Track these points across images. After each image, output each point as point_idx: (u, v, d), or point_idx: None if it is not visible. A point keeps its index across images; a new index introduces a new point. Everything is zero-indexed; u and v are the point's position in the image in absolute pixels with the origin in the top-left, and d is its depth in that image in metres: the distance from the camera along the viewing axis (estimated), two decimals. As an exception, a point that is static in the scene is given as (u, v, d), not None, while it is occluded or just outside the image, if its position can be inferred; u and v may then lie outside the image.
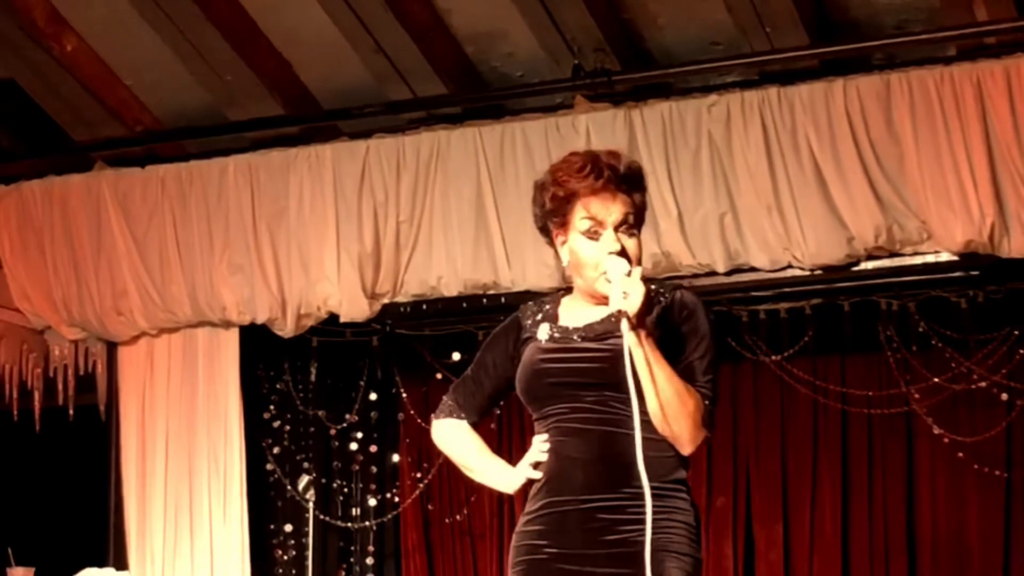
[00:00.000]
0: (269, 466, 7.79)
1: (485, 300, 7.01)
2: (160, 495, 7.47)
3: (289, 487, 7.66)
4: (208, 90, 7.02)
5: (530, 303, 3.82)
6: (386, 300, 7.10)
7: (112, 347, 7.66)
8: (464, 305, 7.11)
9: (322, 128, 7.15)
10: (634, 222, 3.64)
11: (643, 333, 3.48)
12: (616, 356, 3.49)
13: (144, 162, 7.38)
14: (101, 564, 7.34)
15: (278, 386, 7.84)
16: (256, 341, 7.46)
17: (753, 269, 6.62)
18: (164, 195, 7.33)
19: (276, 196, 7.15)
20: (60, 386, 7.67)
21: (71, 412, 7.66)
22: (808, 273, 6.57)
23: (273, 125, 7.12)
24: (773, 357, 7.06)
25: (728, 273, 6.65)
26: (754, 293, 6.91)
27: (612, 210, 3.60)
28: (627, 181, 3.63)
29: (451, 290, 6.99)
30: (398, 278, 7.05)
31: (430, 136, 6.95)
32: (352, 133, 7.09)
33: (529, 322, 3.74)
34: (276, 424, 7.84)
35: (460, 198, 6.90)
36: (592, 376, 3.58)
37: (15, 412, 7.63)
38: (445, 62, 6.72)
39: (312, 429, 7.89)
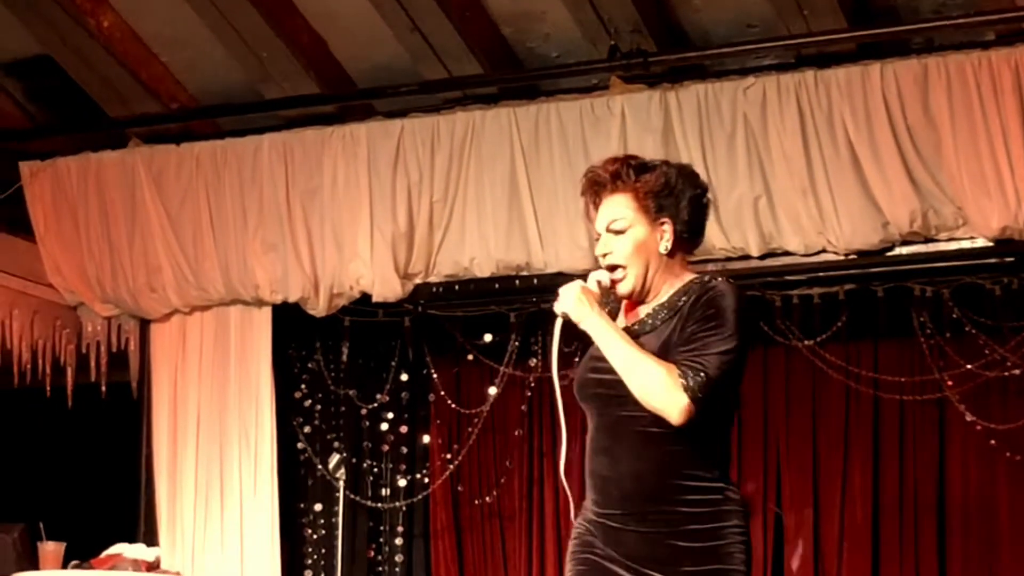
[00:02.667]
0: (300, 445, 7.81)
1: (518, 281, 7.01)
2: (191, 472, 7.49)
3: (320, 466, 7.67)
4: (243, 67, 7.02)
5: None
6: (419, 280, 7.11)
7: (145, 324, 7.69)
8: (496, 286, 7.11)
9: (357, 107, 7.15)
10: (625, 223, 3.75)
11: (595, 317, 3.68)
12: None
13: (179, 139, 7.40)
14: (132, 540, 7.39)
15: (310, 365, 7.85)
16: (288, 320, 7.47)
17: (787, 253, 6.61)
18: (198, 172, 7.34)
19: (310, 174, 7.15)
20: (93, 363, 7.72)
21: (103, 389, 7.70)
22: (842, 258, 6.55)
23: (308, 103, 7.12)
24: (806, 342, 7.02)
25: (762, 257, 6.64)
26: (787, 277, 6.88)
27: (599, 217, 3.81)
28: (616, 178, 3.77)
29: (484, 271, 6.99)
30: (431, 258, 7.05)
31: (465, 116, 6.94)
32: (387, 112, 7.09)
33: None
34: (307, 403, 7.85)
35: (494, 179, 6.89)
36: (616, 390, 3.67)
37: (48, 388, 7.66)
38: (481, 42, 6.70)
39: (343, 409, 7.90)
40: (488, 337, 7.51)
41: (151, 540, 7.46)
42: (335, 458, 7.33)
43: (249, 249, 7.26)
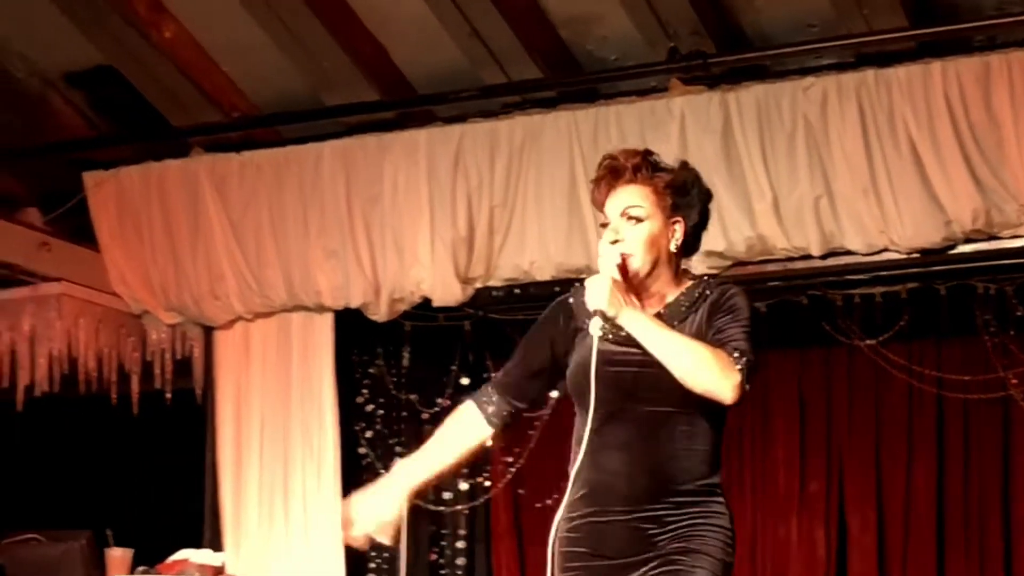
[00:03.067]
0: (362, 450, 7.84)
1: (577, 285, 7.00)
2: (255, 478, 7.54)
3: (382, 471, 7.69)
4: (304, 75, 7.06)
5: (580, 287, 3.89)
6: (478, 285, 7.13)
7: (208, 331, 7.74)
8: (556, 290, 6.95)
9: (417, 113, 7.18)
10: (643, 212, 3.75)
11: (630, 309, 3.65)
12: (654, 363, 3.61)
13: (240, 147, 7.45)
14: (197, 546, 7.44)
15: (371, 370, 7.88)
16: (350, 325, 7.51)
17: (848, 252, 6.58)
18: (260, 180, 7.39)
19: (371, 181, 7.19)
20: (157, 370, 7.78)
21: (168, 396, 7.77)
22: (904, 256, 6.52)
23: (368, 110, 7.15)
24: (868, 341, 7.01)
25: (823, 257, 6.61)
26: (849, 277, 6.85)
27: (613, 202, 3.81)
28: (637, 170, 3.77)
29: (543, 275, 7.00)
30: (491, 262, 7.07)
31: (524, 120, 6.96)
32: (446, 118, 7.12)
33: (581, 310, 3.81)
34: (369, 408, 7.88)
35: (553, 182, 6.90)
36: (637, 386, 3.66)
37: (114, 396, 7.74)
38: (540, 45, 6.72)
39: (404, 413, 7.93)
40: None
41: (216, 546, 7.50)
42: (398, 463, 7.34)
43: (311, 256, 7.30)
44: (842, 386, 7.49)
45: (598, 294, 3.68)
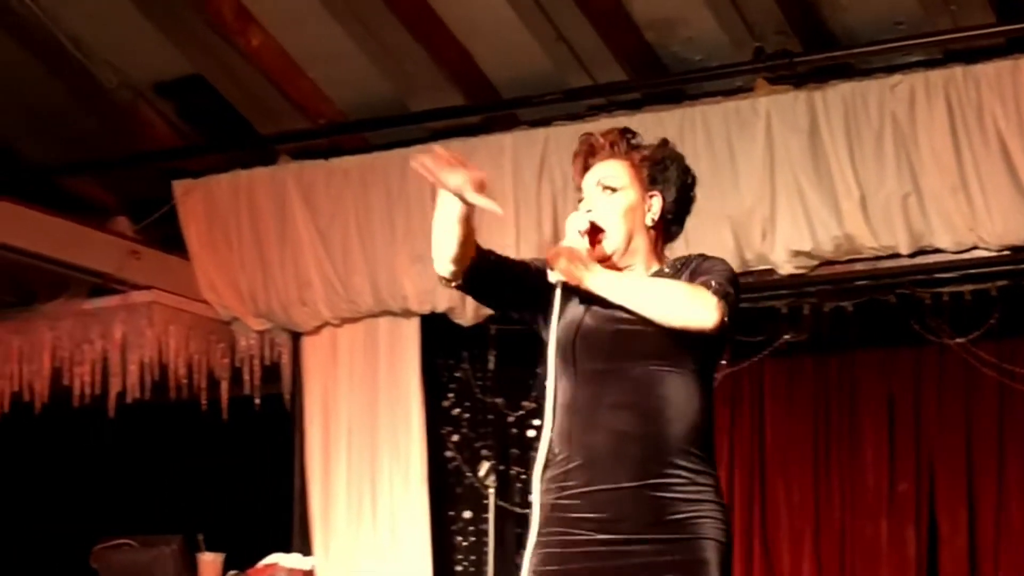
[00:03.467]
0: (448, 453, 7.87)
1: (664, 286, 6.99)
2: (343, 482, 7.59)
3: (468, 474, 7.73)
4: (390, 81, 7.12)
5: None
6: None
7: (296, 337, 7.81)
8: (641, 291, 7.10)
9: (501, 117, 7.21)
10: (618, 183, 3.69)
11: (591, 273, 3.54)
12: (640, 319, 3.53)
13: (327, 154, 7.51)
14: (287, 550, 7.48)
15: (457, 374, 7.90)
16: (436, 330, 7.54)
17: (937, 251, 6.56)
18: (347, 187, 7.45)
19: (457, 184, 7.20)
20: (247, 376, 7.85)
21: (257, 401, 7.83)
22: (994, 254, 6.49)
23: (453, 115, 7.19)
24: (957, 340, 6.96)
25: (911, 255, 6.59)
26: (938, 275, 6.81)
27: (589, 176, 3.74)
28: (613, 145, 3.75)
29: (628, 276, 6.99)
30: (576, 265, 7.06)
31: (609, 122, 6.89)
32: (531, 121, 7.14)
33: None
34: (455, 412, 7.90)
35: (639, 184, 6.90)
36: (626, 344, 3.57)
37: (204, 402, 7.80)
38: (625, 48, 6.74)
39: (490, 416, 7.94)
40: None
41: (306, 549, 7.55)
42: (485, 466, 7.37)
43: (397, 261, 7.35)
44: (932, 385, 7.42)
45: (557, 267, 3.58)
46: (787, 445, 7.65)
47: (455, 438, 7.89)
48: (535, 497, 3.60)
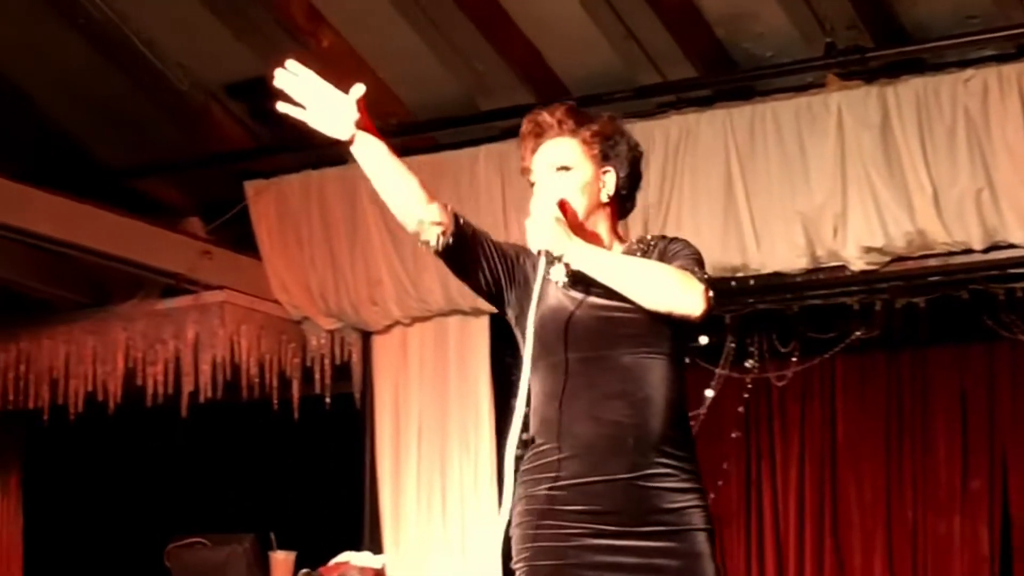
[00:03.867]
0: (518, 452, 7.86)
1: (733, 283, 6.99)
2: (413, 481, 7.61)
3: (539, 472, 7.73)
4: (459, 80, 7.14)
5: None
6: (633, 283, 7.12)
7: (367, 336, 7.84)
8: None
9: (572, 115, 7.20)
10: (570, 161, 3.65)
11: (576, 244, 3.51)
12: (627, 306, 3.48)
13: (397, 153, 7.50)
14: (357, 548, 7.51)
15: (527, 373, 7.90)
16: (505, 328, 7.50)
17: (1011, 246, 6.51)
18: (417, 186, 7.46)
19: (525, 184, 7.17)
20: (317, 375, 7.89)
21: (328, 400, 7.86)
22: (1070, 249, 6.46)
23: (523, 114, 7.08)
24: (1031, 336, 6.94)
25: (985, 250, 6.54)
26: (1011, 270, 6.76)
27: (540, 157, 3.71)
28: (562, 124, 3.71)
29: (699, 273, 6.98)
30: (646, 262, 7.06)
31: (679, 119, 6.97)
32: (601, 119, 7.14)
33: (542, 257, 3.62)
34: (525, 411, 7.89)
35: (709, 180, 6.90)
36: (612, 331, 3.53)
37: (275, 401, 7.84)
38: (695, 44, 6.74)
39: (558, 415, 7.93)
40: (704, 339, 7.49)
41: (376, 548, 7.58)
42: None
43: (467, 259, 7.35)
44: (1005, 381, 7.40)
45: (541, 233, 3.53)
46: (859, 442, 7.63)
47: (524, 436, 7.88)
48: (508, 482, 3.54)
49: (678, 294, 3.45)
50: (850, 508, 7.63)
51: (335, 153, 7.59)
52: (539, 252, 3.53)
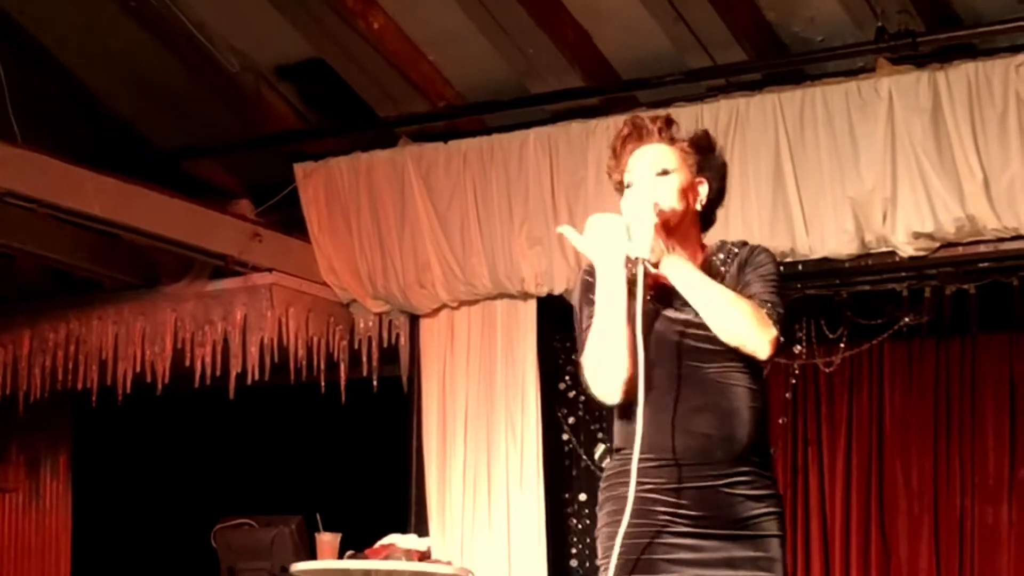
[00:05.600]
0: (564, 436, 7.88)
1: (782, 268, 6.91)
2: (459, 464, 7.63)
3: (584, 457, 7.75)
4: (509, 63, 7.14)
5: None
6: (682, 269, 7.11)
7: (414, 319, 7.86)
8: (759, 274, 7.06)
9: (621, 98, 7.20)
10: (671, 166, 3.68)
11: (672, 256, 3.55)
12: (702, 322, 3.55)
13: (446, 137, 7.55)
14: (403, 531, 7.52)
15: (573, 356, 7.91)
16: (553, 312, 7.55)
17: (1063, 233, 6.49)
18: (466, 169, 7.48)
19: (575, 168, 7.23)
20: (364, 358, 7.91)
21: (375, 383, 7.88)
22: (1122, 235, 6.41)
23: (572, 97, 7.19)
24: (1082, 323, 6.90)
25: (1035, 237, 6.52)
26: (1063, 258, 6.75)
27: (638, 162, 3.70)
28: (661, 131, 3.72)
29: (748, 258, 6.97)
30: (694, 247, 7.05)
31: (729, 103, 6.95)
32: (650, 103, 7.11)
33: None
34: (571, 394, 7.91)
35: (758, 165, 6.88)
36: (692, 345, 3.61)
37: (322, 384, 7.87)
38: (745, 28, 6.71)
39: (606, 400, 7.93)
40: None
41: (422, 530, 7.60)
42: (601, 448, 7.39)
43: (515, 243, 7.38)
44: (1051, 369, 7.36)
45: (642, 240, 3.52)
46: (907, 429, 7.59)
47: (571, 420, 7.90)
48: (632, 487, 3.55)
49: (751, 337, 3.55)
50: (897, 495, 7.60)
51: (384, 136, 7.67)
52: (637, 259, 3.54)
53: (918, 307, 7.05)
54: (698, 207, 3.76)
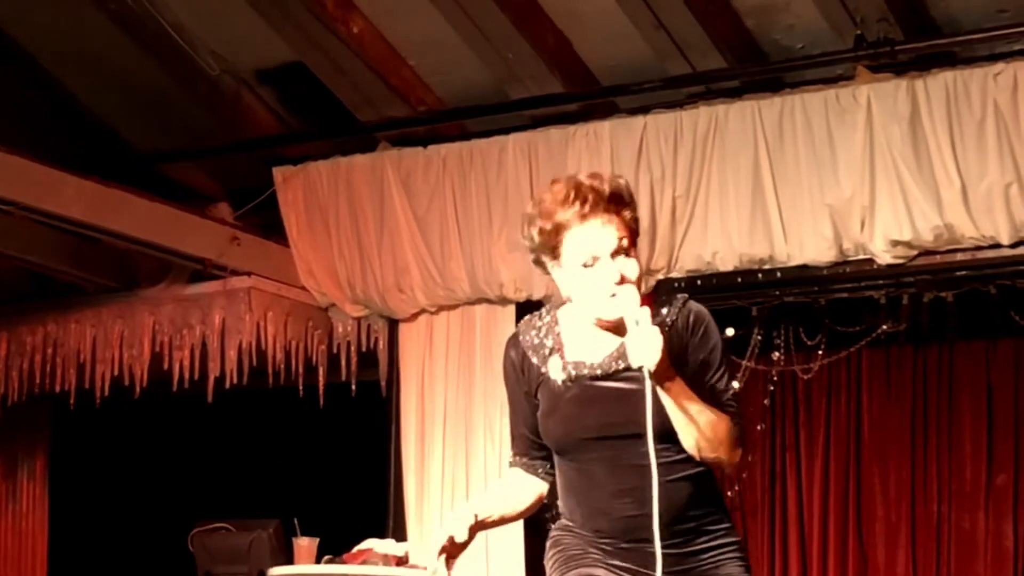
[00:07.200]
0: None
1: (760, 275, 6.99)
2: (438, 468, 7.62)
3: (563, 462, 7.73)
4: (489, 69, 7.14)
5: (524, 330, 3.74)
6: (660, 276, 7.12)
7: (393, 324, 7.86)
8: (739, 280, 7.08)
9: (600, 104, 7.20)
10: (629, 244, 3.48)
11: (672, 369, 3.42)
12: (642, 399, 3.44)
13: (426, 142, 7.55)
14: (381, 535, 7.53)
15: (552, 362, 7.91)
16: (532, 318, 7.54)
17: (1039, 241, 6.51)
18: (445, 174, 7.48)
19: (554, 173, 7.14)
20: (343, 362, 7.91)
21: (353, 388, 7.88)
22: (1099, 245, 6.43)
23: (552, 103, 7.21)
24: (1058, 332, 6.92)
25: (1012, 245, 6.50)
26: (1039, 266, 6.77)
27: (605, 238, 3.46)
28: (614, 201, 3.48)
29: (726, 265, 6.98)
30: (673, 254, 7.07)
31: (708, 110, 6.96)
32: (630, 109, 7.14)
33: (535, 359, 3.67)
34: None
35: (737, 172, 6.90)
36: (626, 427, 3.52)
37: (301, 388, 7.85)
38: (725, 35, 6.73)
39: (585, 405, 7.94)
40: (730, 331, 7.45)
41: (400, 535, 7.59)
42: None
43: (494, 248, 7.38)
44: (1031, 378, 7.39)
45: (650, 350, 3.35)
46: (884, 436, 7.63)
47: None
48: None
49: (721, 456, 3.53)
50: (875, 501, 7.63)
51: (364, 140, 7.66)
52: (639, 367, 3.40)
53: (896, 314, 7.07)
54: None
